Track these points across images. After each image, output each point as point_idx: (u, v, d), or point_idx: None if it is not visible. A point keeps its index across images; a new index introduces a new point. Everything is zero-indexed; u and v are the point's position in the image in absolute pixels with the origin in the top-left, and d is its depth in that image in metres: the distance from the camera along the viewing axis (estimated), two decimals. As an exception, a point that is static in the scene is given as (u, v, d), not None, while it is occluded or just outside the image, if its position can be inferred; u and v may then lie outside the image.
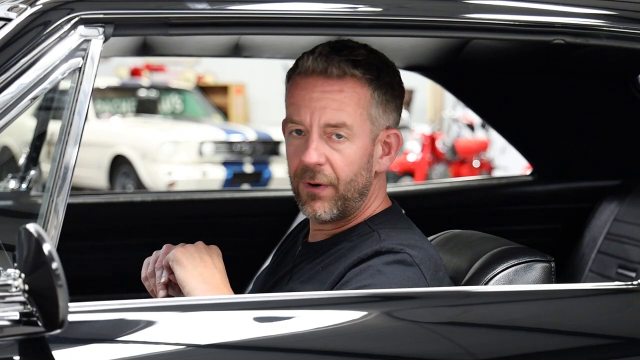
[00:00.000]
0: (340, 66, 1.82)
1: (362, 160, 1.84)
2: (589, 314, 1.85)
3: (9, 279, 1.46)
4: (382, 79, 1.86)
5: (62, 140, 1.60)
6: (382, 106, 1.86)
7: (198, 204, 3.18)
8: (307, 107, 1.83)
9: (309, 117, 1.82)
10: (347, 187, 1.84)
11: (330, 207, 1.84)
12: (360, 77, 1.83)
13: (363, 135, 1.84)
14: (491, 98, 3.23)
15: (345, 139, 1.82)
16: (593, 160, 3.22)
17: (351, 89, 1.83)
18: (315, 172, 1.82)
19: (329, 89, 1.82)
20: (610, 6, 1.96)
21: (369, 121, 1.85)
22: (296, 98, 1.85)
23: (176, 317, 1.61)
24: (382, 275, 1.76)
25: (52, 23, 1.61)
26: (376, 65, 1.86)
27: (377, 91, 1.85)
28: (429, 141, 11.00)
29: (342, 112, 1.81)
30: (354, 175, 1.84)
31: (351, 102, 1.82)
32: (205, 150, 10.82)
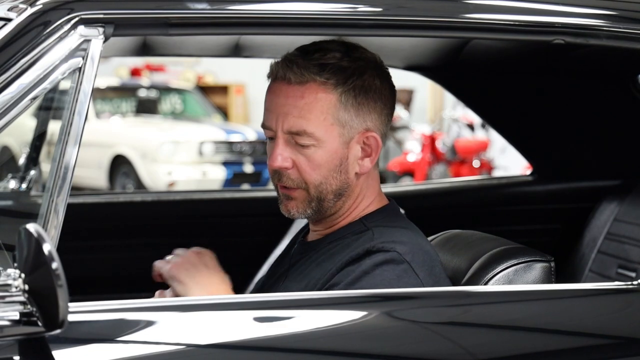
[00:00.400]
0: (301, 72, 1.82)
1: (331, 164, 1.84)
2: (589, 314, 1.85)
3: (9, 279, 1.46)
4: (352, 82, 1.83)
5: (62, 140, 1.60)
6: (354, 109, 1.84)
7: (198, 204, 3.18)
8: (272, 112, 1.85)
9: (274, 123, 1.84)
10: (317, 190, 1.84)
11: (304, 207, 1.86)
12: (323, 82, 1.82)
13: (331, 140, 1.83)
14: (491, 98, 3.22)
15: (310, 145, 1.83)
16: (593, 160, 3.22)
17: (312, 94, 1.82)
18: (282, 176, 1.85)
19: (291, 94, 1.83)
20: (610, 6, 1.96)
21: (337, 125, 1.83)
22: (267, 103, 1.88)
23: (176, 317, 1.61)
24: (372, 277, 1.76)
25: (52, 23, 1.61)
26: (348, 67, 1.83)
27: (344, 95, 1.83)
28: (429, 141, 11.00)
29: (302, 119, 1.82)
30: (323, 178, 1.84)
31: (312, 108, 1.82)
32: (205, 150, 10.82)
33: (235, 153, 11.03)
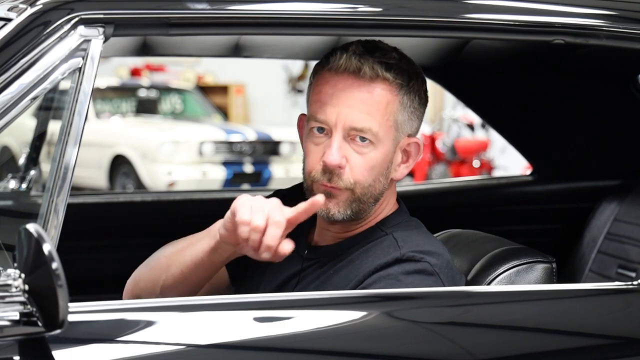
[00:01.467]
0: (374, 68, 1.78)
1: (382, 167, 1.80)
2: (589, 314, 1.85)
3: (9, 279, 1.46)
4: (411, 85, 1.82)
5: (62, 140, 1.60)
6: (408, 113, 1.82)
7: (198, 204, 3.17)
8: (334, 106, 1.78)
9: (335, 117, 1.77)
10: (364, 192, 1.80)
11: (345, 208, 1.80)
12: (392, 82, 1.79)
13: (387, 141, 1.80)
14: (491, 98, 3.22)
15: (369, 142, 1.78)
16: (593, 160, 3.22)
17: (381, 93, 1.78)
18: (333, 175, 1.77)
19: (359, 90, 1.77)
20: (610, 6, 1.96)
21: (394, 128, 1.81)
22: (323, 95, 1.80)
23: (176, 317, 1.61)
24: (403, 285, 1.73)
25: (52, 23, 1.61)
26: (407, 70, 1.82)
27: (405, 97, 1.81)
28: (429, 141, 11.00)
29: (369, 116, 1.77)
30: (373, 180, 1.80)
31: (380, 106, 1.78)
32: (205, 150, 10.82)
33: (235, 153, 11.03)
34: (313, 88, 1.84)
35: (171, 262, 1.84)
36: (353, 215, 1.81)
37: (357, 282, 1.77)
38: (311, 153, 1.81)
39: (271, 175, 10.99)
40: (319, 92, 1.81)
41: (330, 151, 1.77)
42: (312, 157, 1.81)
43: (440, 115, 12.43)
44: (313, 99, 1.83)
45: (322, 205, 1.74)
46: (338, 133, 1.77)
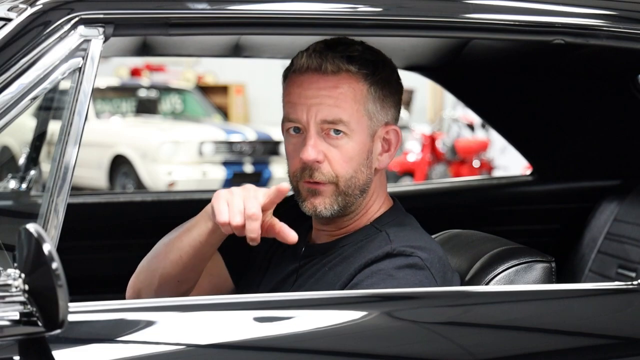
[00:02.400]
0: (335, 62, 1.82)
1: (360, 157, 1.84)
2: (589, 314, 1.85)
3: (9, 279, 1.46)
4: (378, 74, 1.85)
5: (62, 140, 1.60)
6: (380, 102, 1.86)
7: (198, 204, 3.15)
8: (303, 105, 1.82)
9: (306, 115, 1.82)
10: (347, 184, 1.83)
11: (331, 203, 1.83)
12: (356, 72, 1.83)
13: (361, 131, 1.83)
14: (491, 98, 3.22)
15: (343, 134, 1.82)
16: (593, 160, 3.21)
17: (346, 84, 1.82)
18: (314, 171, 1.82)
19: (324, 85, 1.82)
20: (610, 6, 1.96)
21: (366, 117, 1.84)
22: (292, 96, 1.85)
23: (176, 317, 1.61)
24: (394, 279, 1.75)
25: (52, 23, 1.61)
26: (372, 60, 1.86)
27: (373, 86, 1.84)
28: (429, 141, 11.00)
29: (338, 108, 1.81)
30: (354, 171, 1.83)
31: (347, 97, 1.82)
32: (205, 150, 10.82)
33: (235, 153, 11.03)
34: (284, 92, 1.89)
35: (169, 249, 1.88)
36: (341, 209, 1.84)
37: (349, 277, 1.79)
38: (291, 153, 1.86)
39: (271, 175, 10.99)
40: (288, 94, 1.86)
41: (306, 148, 1.81)
42: (293, 157, 1.86)
43: (440, 115, 12.44)
44: (284, 101, 1.88)
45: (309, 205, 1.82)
46: (311, 129, 1.82)
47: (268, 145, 11.18)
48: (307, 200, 1.84)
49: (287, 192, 1.73)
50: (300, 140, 1.84)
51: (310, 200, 1.84)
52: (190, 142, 10.83)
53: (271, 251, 2.01)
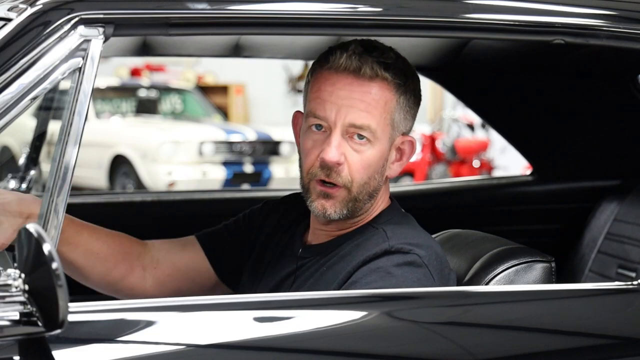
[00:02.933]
0: (373, 67, 1.81)
1: (378, 165, 1.83)
2: (589, 314, 1.85)
3: (9, 279, 1.46)
4: (408, 84, 1.85)
5: (62, 140, 1.60)
6: (404, 112, 1.85)
7: (198, 204, 3.17)
8: (333, 104, 1.80)
9: (334, 114, 1.80)
10: (359, 190, 1.82)
11: (341, 208, 1.82)
12: (390, 81, 1.82)
13: (383, 140, 1.83)
14: (491, 98, 3.22)
15: (367, 140, 1.80)
16: (593, 160, 3.22)
17: (380, 91, 1.81)
18: (332, 171, 1.80)
19: (359, 89, 1.80)
20: (610, 6, 1.96)
21: (391, 126, 1.83)
22: (323, 93, 1.82)
23: (176, 317, 1.61)
24: (393, 277, 1.75)
25: (52, 23, 1.61)
26: (404, 70, 1.85)
27: (402, 96, 1.84)
28: (429, 141, 11.01)
29: (368, 114, 1.80)
30: (368, 178, 1.82)
31: (378, 105, 1.81)
32: (205, 150, 10.82)
33: (235, 153, 11.03)
34: (312, 86, 1.86)
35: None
36: (349, 214, 1.84)
37: (347, 275, 1.78)
38: (309, 150, 1.83)
39: (271, 175, 11.00)
40: (318, 89, 1.83)
41: (330, 148, 1.79)
42: (310, 154, 1.83)
43: (440, 115, 12.44)
44: (312, 96, 1.84)
45: (319, 206, 1.81)
46: (337, 130, 1.80)
47: (268, 145, 11.19)
48: (317, 201, 1.83)
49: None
50: (322, 138, 1.81)
51: (320, 202, 1.82)
52: (190, 142, 10.83)
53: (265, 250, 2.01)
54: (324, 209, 1.82)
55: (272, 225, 2.03)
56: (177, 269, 2.00)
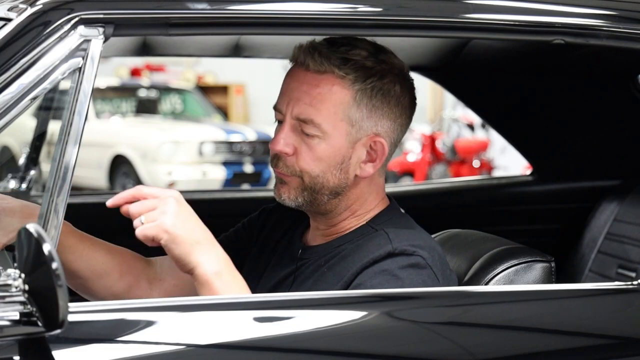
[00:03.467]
0: (321, 61, 1.80)
1: (332, 160, 1.82)
2: (589, 314, 1.85)
3: (9, 279, 1.46)
4: (371, 82, 1.81)
5: (62, 140, 1.60)
6: (367, 110, 1.81)
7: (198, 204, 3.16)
8: (285, 96, 1.84)
9: (285, 106, 1.84)
10: (312, 181, 1.82)
11: (295, 195, 1.84)
12: (342, 76, 1.80)
13: (337, 136, 1.81)
14: (491, 98, 3.23)
15: (315, 135, 1.81)
16: (593, 160, 3.22)
17: (328, 86, 1.80)
18: (279, 161, 1.84)
19: (307, 81, 1.81)
20: (610, 6, 1.96)
21: (347, 123, 1.81)
22: (282, 85, 1.86)
23: (176, 317, 1.61)
24: (399, 280, 1.74)
25: (52, 23, 1.61)
26: (370, 67, 1.81)
27: (360, 93, 1.81)
28: (429, 141, 11.01)
29: (312, 108, 1.80)
30: (321, 171, 1.82)
31: (325, 99, 1.80)
32: (205, 150, 10.83)
33: (235, 153, 11.03)
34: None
35: None
36: (307, 204, 1.85)
37: (351, 277, 1.78)
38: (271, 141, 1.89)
39: (271, 175, 10.98)
40: (282, 83, 1.88)
41: (275, 138, 1.85)
42: (270, 144, 1.89)
43: (440, 115, 12.44)
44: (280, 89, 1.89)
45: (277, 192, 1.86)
46: (287, 121, 1.83)
47: (268, 145, 11.17)
48: (276, 186, 1.88)
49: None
50: (278, 130, 1.86)
51: (277, 187, 1.87)
52: (190, 142, 10.84)
53: (262, 252, 2.01)
54: (280, 194, 1.86)
55: (271, 227, 2.03)
56: (181, 279, 1.99)
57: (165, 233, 1.63)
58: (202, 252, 1.65)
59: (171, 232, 1.63)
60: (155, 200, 1.67)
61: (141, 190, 1.69)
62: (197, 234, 1.67)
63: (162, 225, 1.63)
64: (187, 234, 1.65)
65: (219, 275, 1.65)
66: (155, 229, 1.63)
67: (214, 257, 1.66)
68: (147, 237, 1.64)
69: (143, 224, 1.64)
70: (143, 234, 1.64)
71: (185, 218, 1.67)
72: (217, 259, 1.66)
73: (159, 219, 1.64)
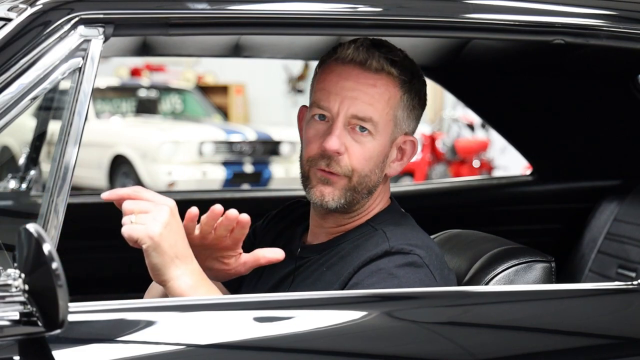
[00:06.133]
0: (380, 61, 1.83)
1: (378, 159, 1.85)
2: (589, 314, 1.85)
3: (9, 279, 1.46)
4: (413, 83, 1.87)
5: (62, 140, 1.60)
6: (408, 111, 1.87)
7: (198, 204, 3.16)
8: (337, 95, 1.82)
9: (338, 105, 1.82)
10: (360, 181, 1.83)
11: (339, 196, 1.83)
12: (396, 77, 1.84)
13: (385, 134, 1.84)
14: (491, 98, 3.23)
15: (368, 133, 1.82)
16: (593, 160, 3.22)
17: (384, 86, 1.83)
18: (332, 161, 1.82)
19: (364, 81, 1.82)
20: (610, 6, 1.96)
21: (393, 122, 1.85)
22: (328, 84, 1.84)
23: (176, 317, 1.61)
24: (395, 278, 1.75)
25: (52, 23, 1.61)
26: (410, 69, 1.87)
27: (407, 94, 1.86)
28: (429, 141, 11.00)
29: (371, 106, 1.82)
30: (369, 171, 1.84)
31: (382, 98, 1.83)
32: (205, 150, 10.82)
33: (235, 153, 11.03)
34: (318, 77, 1.88)
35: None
36: (347, 205, 1.84)
37: (348, 276, 1.79)
38: (311, 139, 1.85)
39: (271, 175, 11.00)
40: (323, 80, 1.86)
41: (331, 137, 1.81)
42: (312, 143, 1.85)
43: (440, 115, 12.43)
44: (318, 87, 1.87)
45: (317, 192, 1.82)
46: (339, 120, 1.82)
47: (268, 145, 11.18)
48: (316, 187, 1.84)
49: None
50: (324, 128, 1.83)
51: (319, 188, 1.83)
52: (190, 142, 10.83)
53: None
54: (322, 195, 1.83)
55: (273, 229, 2.04)
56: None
57: (149, 239, 1.63)
58: (178, 267, 1.65)
59: (156, 240, 1.63)
60: (151, 204, 1.66)
61: (140, 192, 1.68)
62: (178, 248, 1.66)
63: (149, 230, 1.63)
64: (169, 247, 1.64)
65: (194, 289, 1.65)
66: (142, 232, 1.63)
67: (189, 272, 1.66)
68: (131, 237, 1.64)
69: (132, 223, 1.64)
70: (128, 233, 1.63)
71: (173, 230, 1.65)
72: (191, 274, 1.66)
73: (149, 224, 1.63)
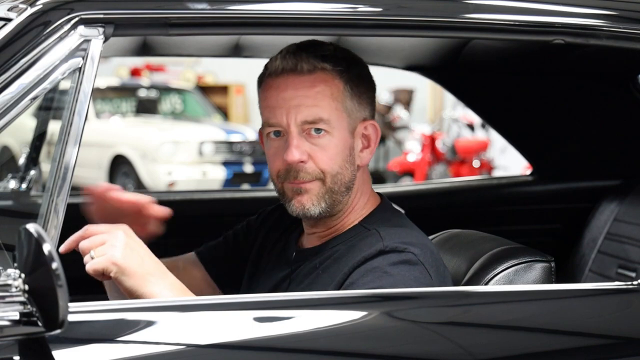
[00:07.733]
0: (310, 61, 1.83)
1: (343, 153, 1.84)
2: (589, 314, 1.85)
3: (9, 279, 1.46)
4: (352, 70, 1.86)
5: (62, 140, 1.60)
6: (357, 98, 1.86)
7: (198, 204, 3.17)
8: (281, 107, 1.83)
9: (285, 117, 1.82)
10: (334, 180, 1.83)
11: (318, 200, 1.83)
12: (331, 70, 1.83)
13: (341, 129, 1.84)
14: (491, 98, 3.23)
15: (324, 132, 1.82)
16: (593, 160, 3.22)
17: (323, 82, 1.83)
18: (299, 171, 1.82)
19: (301, 85, 1.82)
20: (610, 6, 1.96)
21: (346, 114, 1.84)
22: (270, 100, 1.85)
23: (176, 317, 1.61)
24: (390, 277, 1.75)
25: (52, 23, 1.61)
26: (344, 58, 1.87)
27: (349, 83, 1.85)
28: (429, 141, 11.00)
29: (317, 107, 1.81)
30: (339, 167, 1.83)
31: (324, 96, 1.82)
32: (205, 150, 10.82)
33: (235, 153, 11.03)
34: (260, 97, 1.89)
35: None
36: (329, 207, 1.84)
37: (343, 276, 1.79)
38: (273, 157, 1.86)
39: (271, 175, 10.98)
40: (265, 98, 1.87)
41: (290, 149, 1.81)
42: (275, 160, 1.85)
43: (440, 115, 12.44)
44: (263, 106, 1.88)
45: (296, 204, 1.82)
46: (293, 131, 1.82)
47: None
48: (293, 199, 1.84)
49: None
50: (282, 143, 1.84)
51: (297, 199, 1.83)
52: (190, 142, 10.83)
53: (260, 256, 2.02)
54: (302, 205, 1.83)
55: (267, 230, 2.05)
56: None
57: (114, 265, 1.63)
58: (154, 283, 1.65)
59: (120, 264, 1.63)
60: (104, 235, 1.66)
61: (89, 229, 1.69)
62: (147, 265, 1.66)
63: (111, 257, 1.63)
64: (137, 265, 1.64)
65: None
66: (104, 262, 1.63)
67: (168, 285, 1.66)
68: (97, 272, 1.64)
69: (93, 259, 1.65)
70: (93, 268, 1.64)
71: (134, 249, 1.65)
72: (170, 287, 1.66)
73: (108, 252, 1.64)
